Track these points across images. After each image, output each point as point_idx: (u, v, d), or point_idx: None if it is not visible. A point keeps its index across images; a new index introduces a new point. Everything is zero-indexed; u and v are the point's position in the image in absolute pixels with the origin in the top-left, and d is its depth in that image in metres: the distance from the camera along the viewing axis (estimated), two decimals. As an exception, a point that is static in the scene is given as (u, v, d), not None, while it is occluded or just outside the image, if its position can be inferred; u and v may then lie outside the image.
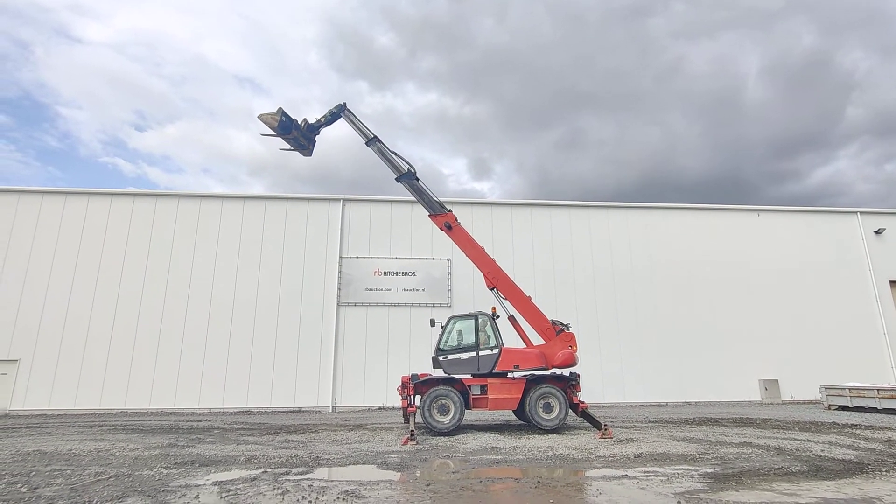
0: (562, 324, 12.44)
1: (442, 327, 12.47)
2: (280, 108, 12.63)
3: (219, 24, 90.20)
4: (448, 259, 20.30)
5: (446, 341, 12.25)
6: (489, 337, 12.08)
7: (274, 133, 12.77)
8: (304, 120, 13.24)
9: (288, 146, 13.36)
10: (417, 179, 13.37)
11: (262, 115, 12.76)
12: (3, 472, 6.95)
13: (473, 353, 11.86)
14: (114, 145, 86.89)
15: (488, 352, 11.85)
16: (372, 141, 13.40)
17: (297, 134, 13.05)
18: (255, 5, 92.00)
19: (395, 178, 13.46)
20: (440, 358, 12.00)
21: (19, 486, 6.15)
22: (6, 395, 17.81)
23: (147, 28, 79.91)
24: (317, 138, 13.66)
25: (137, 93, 75.99)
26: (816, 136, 77.95)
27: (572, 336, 12.24)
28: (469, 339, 12.16)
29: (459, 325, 12.45)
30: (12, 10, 69.00)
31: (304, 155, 13.76)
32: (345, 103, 13.59)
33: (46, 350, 18.27)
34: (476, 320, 12.28)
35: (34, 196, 19.80)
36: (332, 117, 13.48)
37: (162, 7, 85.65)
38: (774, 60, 76.20)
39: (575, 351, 12.02)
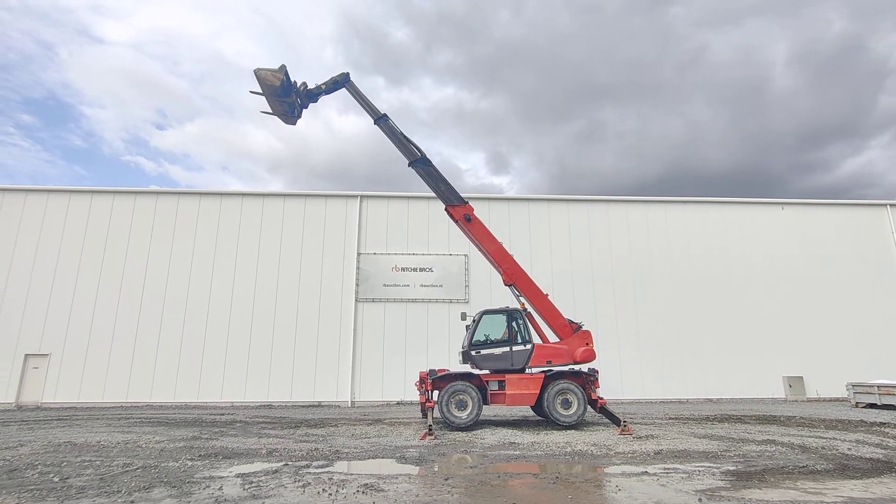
0: (574, 322, 12.40)
1: (474, 321, 12.26)
2: (283, 66, 11.43)
3: (235, 21, 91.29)
4: (465, 255, 20.29)
5: (479, 336, 12.10)
6: (521, 332, 12.03)
7: (265, 93, 11.52)
8: (304, 84, 12.24)
9: (269, 110, 12.08)
10: (431, 165, 12.61)
11: (260, 69, 11.40)
12: (37, 463, 7.19)
13: (507, 349, 11.78)
14: (136, 144, 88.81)
15: (521, 347, 11.80)
16: (381, 119, 12.62)
17: (294, 98, 11.98)
18: (271, 2, 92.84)
19: (409, 164, 12.67)
20: (473, 353, 11.81)
21: (52, 476, 6.37)
22: (38, 389, 18.42)
23: (165, 26, 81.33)
24: (309, 108, 12.60)
25: (158, 91, 77.48)
26: (847, 125, 75.48)
27: (589, 333, 12.20)
28: (501, 334, 12.10)
29: (491, 320, 12.30)
30: (37, 12, 70.81)
31: (288, 123, 12.61)
32: (348, 73, 12.63)
33: (75, 345, 18.81)
34: (508, 315, 12.19)
35: (62, 195, 20.35)
36: (334, 86, 12.56)
37: (179, 5, 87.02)
38: (803, 47, 73.95)
39: (592, 347, 11.97)
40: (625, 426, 10.39)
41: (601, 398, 11.67)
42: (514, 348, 11.78)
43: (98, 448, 8.61)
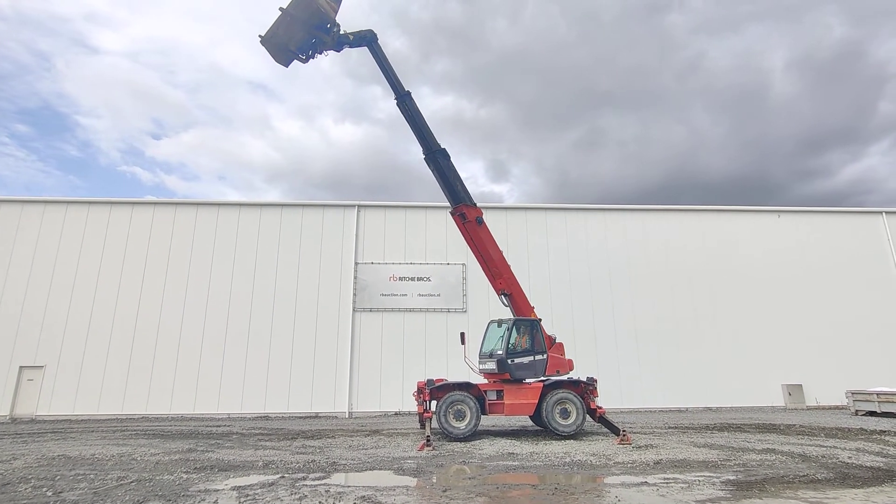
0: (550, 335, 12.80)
1: (508, 329, 12.10)
2: None
3: (232, 30, 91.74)
4: (463, 264, 20.27)
5: (511, 345, 11.98)
6: (541, 342, 12.16)
7: (293, 15, 10.47)
8: (338, 25, 11.31)
9: (268, 38, 10.74)
10: (450, 159, 12.06)
11: None
12: (30, 477, 7.10)
13: (531, 357, 11.88)
14: (132, 154, 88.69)
15: (541, 357, 11.95)
16: (406, 96, 11.96)
17: (327, 38, 11.01)
18: (267, 12, 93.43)
19: (426, 154, 12.14)
20: (509, 361, 11.64)
21: (45, 489, 6.29)
22: (33, 401, 18.23)
23: (161, 36, 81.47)
24: (320, 56, 11.55)
25: (154, 101, 77.48)
26: (847, 131, 75.83)
27: (562, 345, 12.72)
28: (526, 343, 12.14)
29: (521, 329, 12.28)
30: (33, 22, 71.04)
31: (279, 61, 11.31)
32: (375, 34, 11.59)
33: (70, 357, 18.65)
34: (531, 325, 12.27)
35: (59, 206, 20.29)
36: (359, 41, 11.78)
37: (175, 14, 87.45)
38: (802, 53, 74.43)
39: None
40: (624, 436, 10.35)
41: (600, 407, 11.67)
42: (536, 357, 11.91)
43: (92, 461, 8.51)
